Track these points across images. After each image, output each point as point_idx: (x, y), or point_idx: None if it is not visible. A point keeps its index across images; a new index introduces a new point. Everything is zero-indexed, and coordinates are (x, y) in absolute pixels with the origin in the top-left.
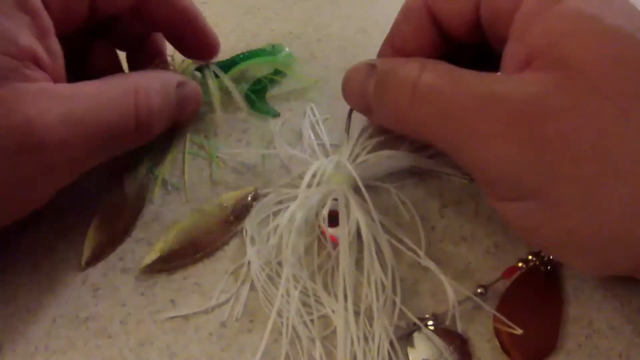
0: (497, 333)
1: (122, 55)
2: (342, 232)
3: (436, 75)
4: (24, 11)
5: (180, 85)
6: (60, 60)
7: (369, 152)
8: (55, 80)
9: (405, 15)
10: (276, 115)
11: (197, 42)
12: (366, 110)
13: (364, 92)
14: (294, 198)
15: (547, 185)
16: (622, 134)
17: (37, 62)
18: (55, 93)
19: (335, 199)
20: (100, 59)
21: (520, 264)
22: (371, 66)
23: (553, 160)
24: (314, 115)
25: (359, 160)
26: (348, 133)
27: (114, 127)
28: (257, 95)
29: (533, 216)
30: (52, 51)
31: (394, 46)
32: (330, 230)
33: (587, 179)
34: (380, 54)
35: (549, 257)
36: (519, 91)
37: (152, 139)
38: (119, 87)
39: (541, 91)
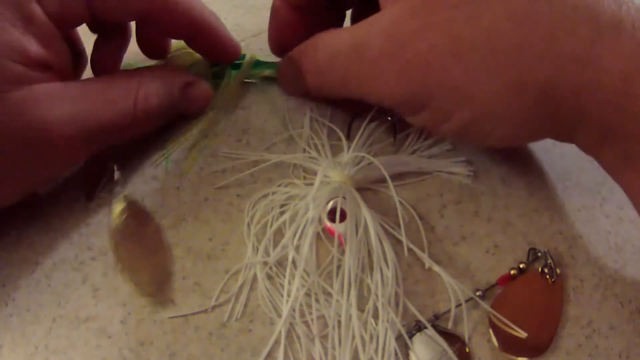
0: (495, 332)
1: None
2: (350, 228)
3: (325, 52)
4: (30, 23)
5: (189, 85)
6: (68, 62)
7: (369, 154)
8: (64, 79)
9: None
10: None
11: (217, 50)
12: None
13: (293, 80)
14: (296, 197)
15: (427, 98)
16: (475, 36)
17: (47, 68)
18: (64, 94)
19: (344, 197)
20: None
21: (513, 272)
22: (289, 59)
23: (422, 79)
24: (314, 114)
25: (360, 163)
26: (349, 136)
27: (113, 124)
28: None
29: (430, 121)
30: (60, 55)
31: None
32: (337, 228)
33: (454, 84)
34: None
35: (548, 260)
36: (376, 29)
37: (147, 133)
38: (121, 88)
39: (395, 21)
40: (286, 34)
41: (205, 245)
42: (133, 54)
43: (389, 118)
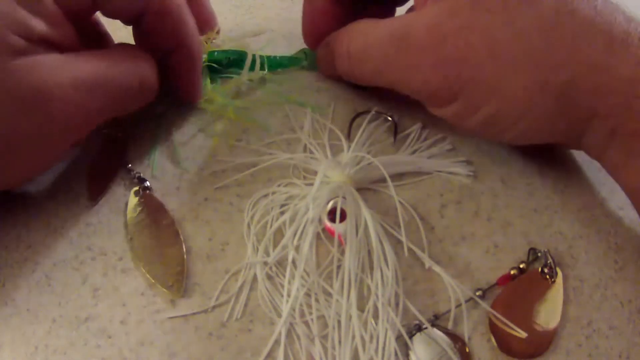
0: (494, 332)
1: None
2: (350, 228)
3: (360, 41)
4: (37, 3)
5: None
6: (75, 43)
7: (369, 154)
8: None
9: None
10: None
11: (197, 18)
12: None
13: (328, 64)
14: (296, 197)
15: (460, 91)
16: (508, 39)
17: (52, 46)
18: (64, 60)
19: (344, 197)
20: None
21: (513, 272)
22: (326, 43)
23: (458, 72)
24: (314, 114)
25: (360, 163)
26: (349, 136)
27: (120, 87)
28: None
29: (458, 113)
30: (66, 36)
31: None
32: (337, 228)
33: (486, 79)
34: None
35: (548, 260)
36: (419, 23)
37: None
38: (124, 51)
39: (437, 18)
40: (320, 23)
41: (205, 245)
42: None
43: (389, 118)
